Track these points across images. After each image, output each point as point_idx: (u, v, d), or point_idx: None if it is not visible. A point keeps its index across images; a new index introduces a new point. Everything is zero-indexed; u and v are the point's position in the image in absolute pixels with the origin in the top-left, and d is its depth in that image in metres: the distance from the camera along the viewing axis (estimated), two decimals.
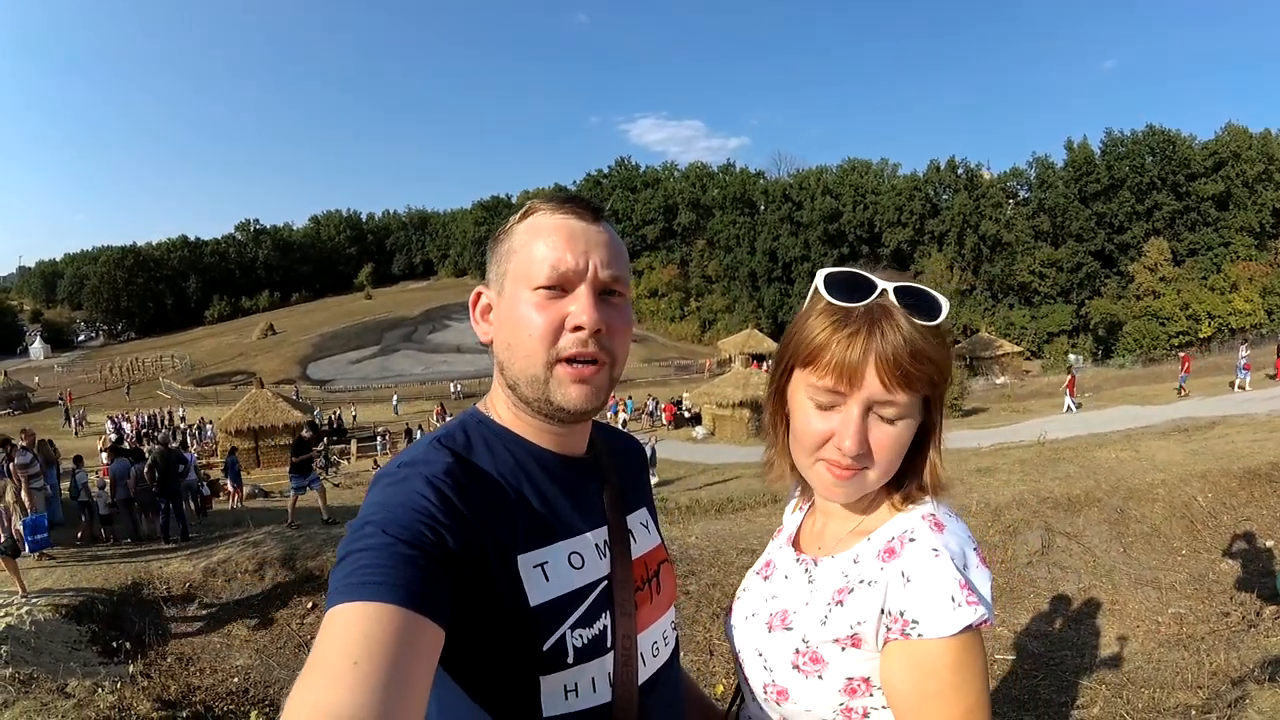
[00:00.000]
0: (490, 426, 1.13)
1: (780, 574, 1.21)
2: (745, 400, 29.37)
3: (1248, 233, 58.80)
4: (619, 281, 1.08)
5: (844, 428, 1.02)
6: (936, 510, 1.07)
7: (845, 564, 1.09)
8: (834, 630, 1.04)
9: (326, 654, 0.74)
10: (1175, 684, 5.28)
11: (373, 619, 0.77)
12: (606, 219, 1.12)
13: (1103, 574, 7.67)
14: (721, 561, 8.16)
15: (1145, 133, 62.43)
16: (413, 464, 1.01)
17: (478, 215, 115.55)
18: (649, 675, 1.13)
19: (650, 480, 1.43)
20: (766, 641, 1.12)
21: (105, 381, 64.57)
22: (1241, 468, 9.59)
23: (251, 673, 7.01)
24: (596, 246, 1.06)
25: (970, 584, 0.97)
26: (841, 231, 70.26)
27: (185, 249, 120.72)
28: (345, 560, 0.86)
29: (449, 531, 0.92)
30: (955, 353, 26.16)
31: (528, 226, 1.09)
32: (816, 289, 1.07)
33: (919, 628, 0.96)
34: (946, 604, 0.95)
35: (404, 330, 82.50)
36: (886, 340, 1.00)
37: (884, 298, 1.03)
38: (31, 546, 9.87)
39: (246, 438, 29.81)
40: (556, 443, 1.14)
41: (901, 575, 0.99)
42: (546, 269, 1.03)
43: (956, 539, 1.02)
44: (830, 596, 1.07)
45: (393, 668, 0.74)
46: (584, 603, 1.06)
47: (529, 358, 1.05)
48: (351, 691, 0.70)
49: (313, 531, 10.39)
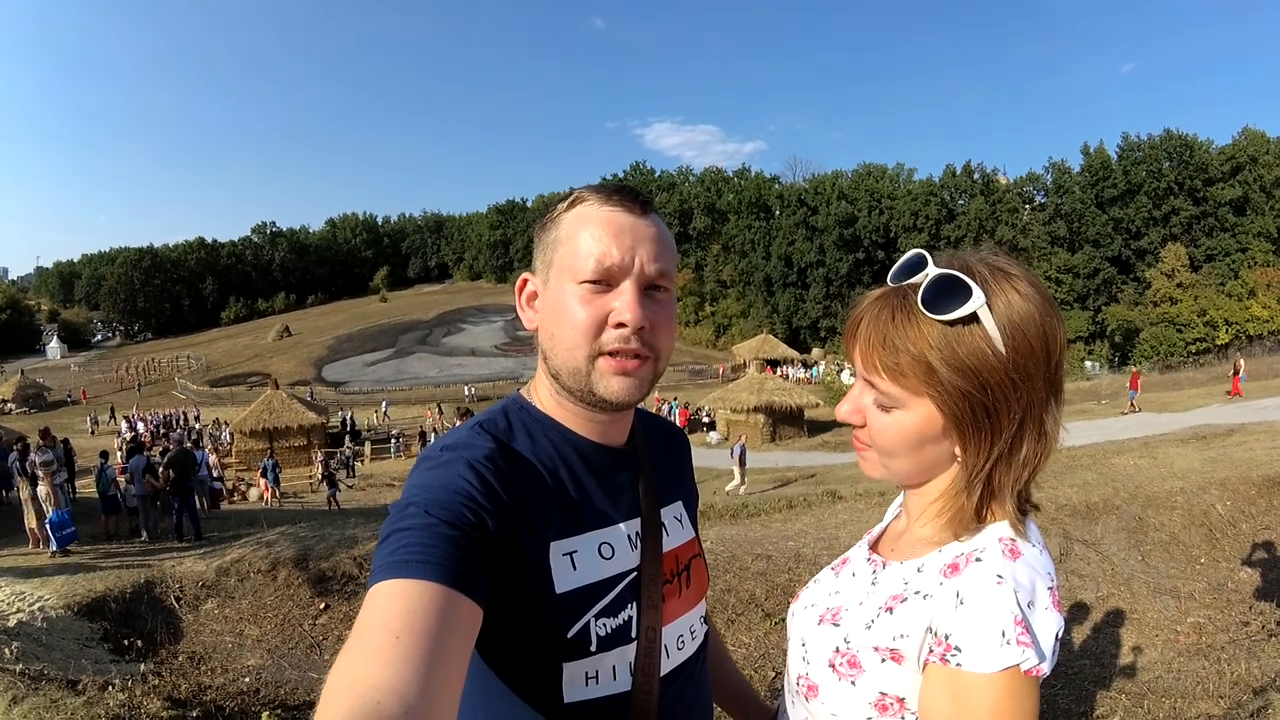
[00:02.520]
0: (531, 412, 1.15)
1: (849, 570, 1.16)
2: (760, 405, 29.29)
3: (1265, 238, 58.23)
4: (664, 276, 1.07)
5: (846, 399, 1.06)
6: (1019, 534, 0.97)
7: (909, 571, 1.03)
8: (877, 637, 0.98)
9: (369, 628, 0.76)
10: (1196, 693, 5.20)
11: (415, 596, 0.79)
12: (655, 211, 1.11)
13: (1121, 582, 7.59)
14: (737, 567, 8.13)
15: (1162, 137, 61.94)
16: (455, 447, 1.03)
17: (493, 219, 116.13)
18: (673, 667, 1.14)
19: (692, 471, 1.41)
20: (813, 633, 1.08)
21: (121, 382, 65.03)
22: (1260, 475, 9.48)
23: (263, 673, 7.01)
24: (643, 241, 1.06)
25: (1028, 623, 0.88)
26: (857, 236, 69.95)
27: (202, 251, 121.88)
28: (388, 539, 0.87)
29: (489, 515, 0.94)
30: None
31: (575, 216, 1.08)
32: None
33: (960, 656, 0.88)
34: (994, 637, 0.87)
35: (419, 333, 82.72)
36: (874, 323, 0.99)
37: (915, 279, 1.00)
38: (59, 543, 10.17)
39: (261, 439, 30.00)
40: (597, 432, 1.14)
41: (956, 595, 0.92)
42: (592, 263, 1.03)
43: (1029, 571, 0.92)
44: (884, 601, 1.01)
45: (434, 643, 0.75)
46: (610, 592, 1.07)
47: (571, 350, 1.05)
48: (394, 665, 0.71)
49: (326, 533, 10.39)
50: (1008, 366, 0.92)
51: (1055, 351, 0.95)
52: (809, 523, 10.02)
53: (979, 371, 0.93)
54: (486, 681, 1.04)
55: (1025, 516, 0.99)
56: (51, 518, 10.31)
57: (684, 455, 1.39)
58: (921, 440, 0.99)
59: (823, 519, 10.20)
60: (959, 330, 0.93)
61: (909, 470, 1.03)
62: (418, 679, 0.71)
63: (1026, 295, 0.94)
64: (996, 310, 0.93)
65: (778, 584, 7.87)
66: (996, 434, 0.95)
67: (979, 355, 0.93)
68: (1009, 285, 0.95)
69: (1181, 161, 60.31)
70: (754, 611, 7.51)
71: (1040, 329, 0.93)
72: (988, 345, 0.92)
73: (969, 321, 0.93)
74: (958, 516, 1.00)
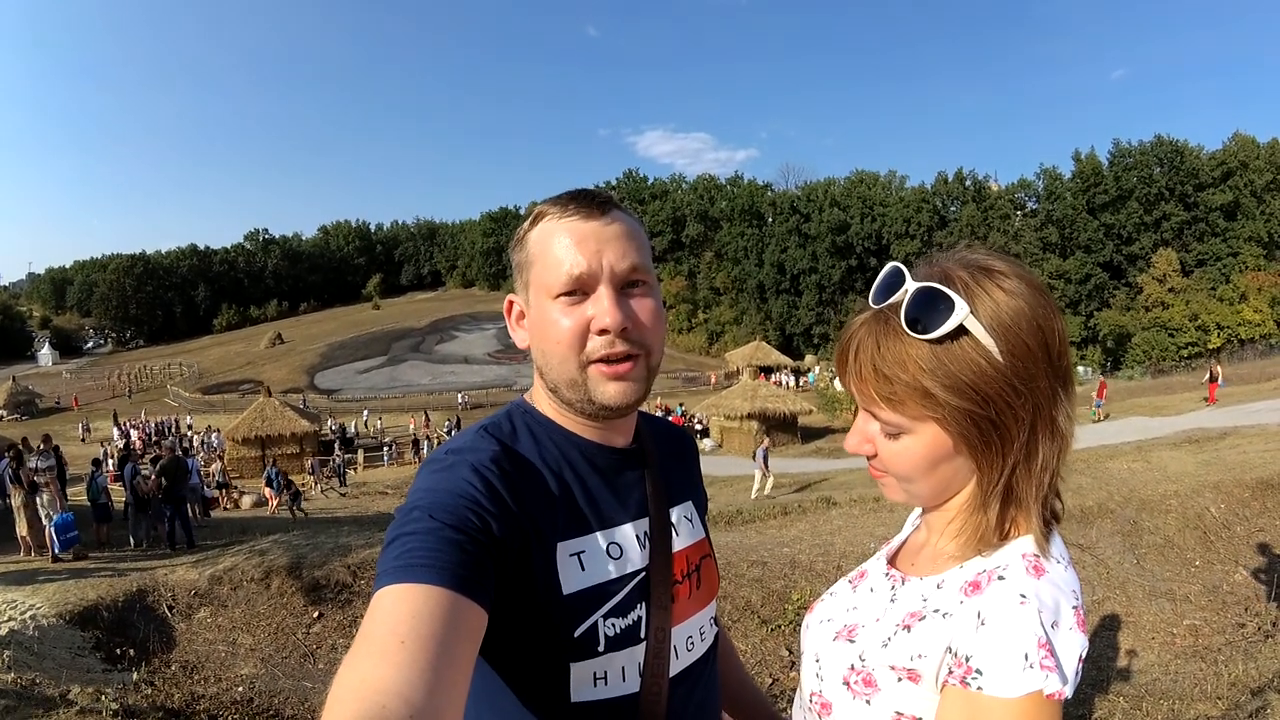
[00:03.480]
0: (535, 416, 1.15)
1: (867, 585, 1.13)
2: (753, 412, 29.26)
3: (1256, 243, 58.52)
4: (638, 270, 1.07)
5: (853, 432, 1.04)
6: (1044, 550, 0.92)
7: (929, 588, 0.99)
8: (894, 656, 0.95)
9: (375, 632, 0.76)
10: (1194, 695, 5.20)
11: (420, 600, 0.79)
12: (618, 207, 1.10)
13: (1116, 586, 7.60)
14: (733, 574, 8.11)
15: (1153, 143, 62.24)
16: (460, 451, 1.03)
17: (486, 226, 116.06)
18: (682, 668, 1.14)
19: (700, 473, 1.40)
20: (828, 650, 1.05)
21: (113, 389, 64.73)
22: (1254, 478, 9.52)
23: (257, 682, 6.95)
24: (608, 241, 1.05)
25: (1051, 645, 0.83)
26: (849, 243, 70.04)
27: (195, 257, 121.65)
28: (393, 543, 0.88)
29: (494, 518, 0.94)
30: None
31: (538, 234, 1.09)
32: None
33: (981, 679, 0.84)
34: (1017, 660, 0.83)
35: (412, 340, 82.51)
36: (862, 353, 0.96)
37: (896, 297, 0.96)
38: (63, 545, 10.29)
39: (254, 446, 29.90)
40: (600, 434, 1.15)
41: (977, 615, 0.88)
42: (562, 275, 1.04)
43: (1053, 590, 0.88)
44: (902, 619, 0.98)
45: (439, 647, 0.75)
46: (619, 593, 1.07)
47: (563, 363, 1.06)
48: (399, 669, 0.71)
49: (319, 541, 10.34)
50: (1007, 374, 0.89)
51: (1055, 344, 0.91)
52: (804, 529, 10.02)
53: (977, 385, 0.89)
54: (491, 682, 1.03)
55: (1050, 529, 0.96)
56: (56, 521, 10.37)
57: (692, 457, 1.39)
58: (934, 462, 0.96)
59: (818, 525, 10.20)
60: (949, 346, 0.90)
61: (930, 491, 1.00)
62: (424, 683, 0.71)
63: (1014, 291, 0.90)
64: (984, 315, 0.89)
65: (774, 590, 7.86)
66: (1008, 444, 0.92)
67: (974, 369, 0.89)
68: (993, 285, 0.91)
69: (1172, 167, 60.62)
70: (750, 618, 7.50)
71: (1035, 325, 0.90)
72: (982, 356, 0.89)
73: (958, 335, 0.89)
74: (978, 531, 0.96)
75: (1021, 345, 0.89)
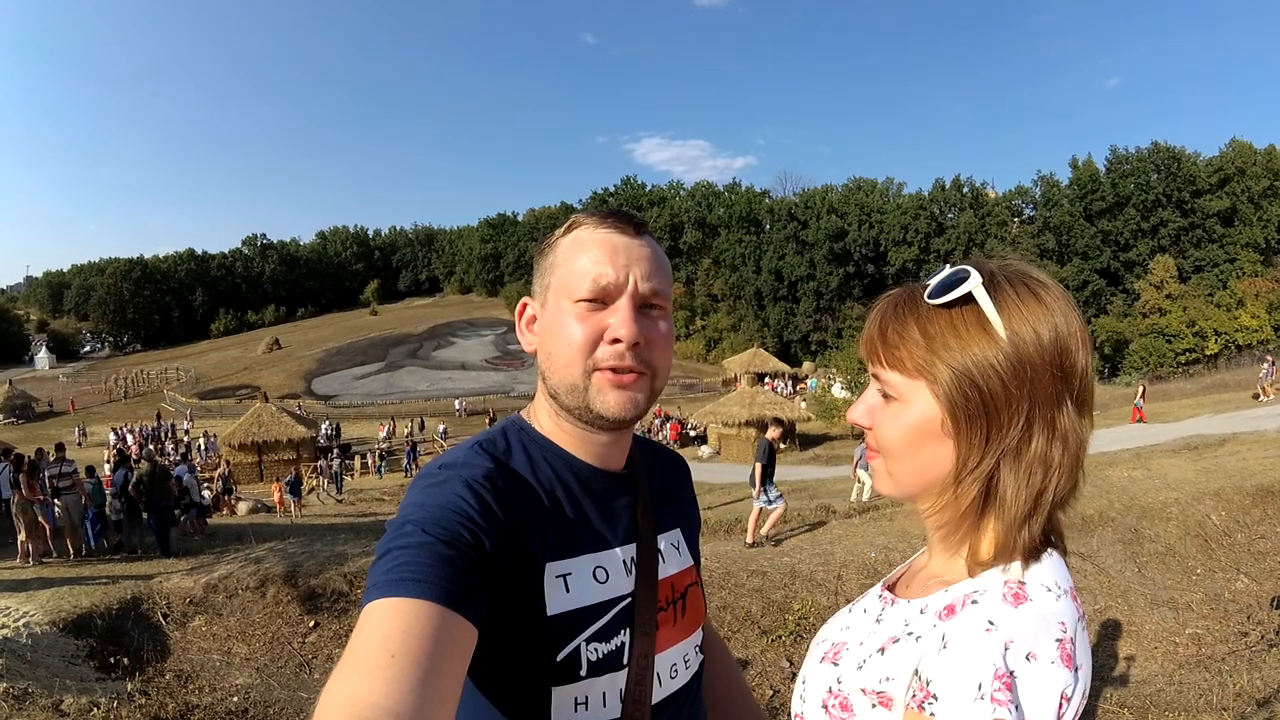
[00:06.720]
0: (531, 434, 1.15)
1: (861, 606, 1.09)
2: (751, 419, 29.21)
3: (1253, 249, 58.81)
4: (659, 295, 1.10)
5: (858, 401, 1.03)
6: (1032, 576, 0.88)
7: (912, 611, 0.95)
8: (866, 679, 0.92)
9: (364, 647, 0.76)
10: (1199, 706, 5.16)
11: (410, 615, 0.79)
12: (649, 233, 1.13)
13: (1118, 595, 7.56)
14: (732, 584, 8.08)
15: (1150, 150, 62.59)
16: (453, 466, 1.03)
17: (484, 233, 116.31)
18: (664, 696, 1.13)
19: (694, 499, 1.41)
20: (814, 671, 1.02)
21: (110, 393, 64.64)
22: (1254, 485, 9.50)
23: (251, 692, 6.89)
24: (638, 260, 1.08)
25: (1013, 680, 0.78)
26: (847, 250, 70.26)
27: (192, 262, 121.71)
28: (384, 557, 0.88)
29: (485, 534, 0.94)
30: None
31: (571, 241, 1.11)
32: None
33: (935, 705, 0.80)
34: (969, 689, 0.78)
35: (409, 346, 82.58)
36: (878, 316, 0.98)
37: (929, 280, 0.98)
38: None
39: (250, 452, 29.84)
40: (596, 455, 1.15)
41: (942, 639, 0.84)
42: (588, 282, 1.06)
43: (1034, 620, 0.82)
44: (881, 642, 0.94)
45: (429, 663, 0.75)
46: (603, 617, 1.07)
47: (568, 366, 1.06)
48: (388, 684, 0.71)
49: (316, 549, 10.28)
50: (1009, 354, 0.87)
51: (1070, 348, 0.88)
52: (804, 539, 9.97)
53: (972, 350, 0.88)
54: (475, 703, 1.03)
55: (1045, 553, 0.90)
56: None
57: (685, 483, 1.39)
58: (921, 435, 0.92)
59: (817, 535, 10.15)
60: (955, 312, 0.91)
61: (908, 471, 0.96)
62: (413, 698, 0.71)
63: (1037, 287, 0.90)
64: (1000, 297, 0.89)
65: (773, 601, 7.81)
66: (995, 428, 0.88)
67: (975, 337, 0.89)
68: (1019, 280, 0.91)
69: (1169, 174, 60.93)
70: (750, 629, 7.46)
71: (1050, 322, 0.88)
72: (985, 327, 0.88)
73: (966, 303, 0.90)
74: (955, 526, 0.93)
75: (1031, 334, 0.87)
